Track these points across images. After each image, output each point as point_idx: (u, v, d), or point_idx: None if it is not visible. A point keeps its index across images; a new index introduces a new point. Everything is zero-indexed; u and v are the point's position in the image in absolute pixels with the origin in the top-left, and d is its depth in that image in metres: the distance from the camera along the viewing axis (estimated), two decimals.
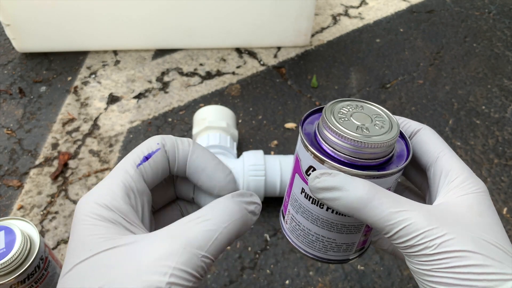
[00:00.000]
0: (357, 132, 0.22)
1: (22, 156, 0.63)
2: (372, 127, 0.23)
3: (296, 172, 0.26)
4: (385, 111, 0.25)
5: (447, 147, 0.24)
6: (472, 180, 0.22)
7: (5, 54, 0.82)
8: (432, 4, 0.97)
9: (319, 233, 0.26)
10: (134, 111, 0.70)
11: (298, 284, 0.48)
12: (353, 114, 0.24)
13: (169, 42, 0.82)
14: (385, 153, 0.23)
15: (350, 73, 0.78)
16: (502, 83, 0.76)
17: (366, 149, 0.22)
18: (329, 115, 0.23)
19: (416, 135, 0.25)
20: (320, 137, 0.24)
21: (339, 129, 0.22)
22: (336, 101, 0.25)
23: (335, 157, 0.23)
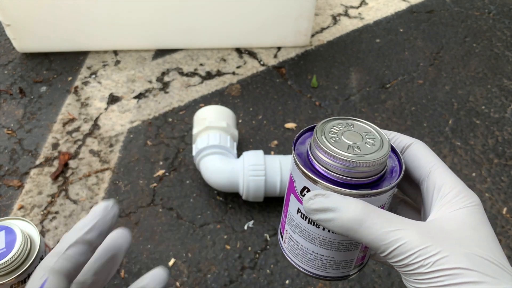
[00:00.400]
0: (348, 152, 0.23)
1: (23, 156, 0.63)
2: (363, 146, 0.23)
3: (291, 192, 0.26)
4: (376, 128, 0.25)
5: (439, 161, 0.24)
6: (465, 193, 0.22)
7: (6, 54, 0.82)
8: (432, 4, 0.97)
9: (317, 252, 0.26)
10: (134, 111, 0.70)
11: (298, 284, 0.48)
12: (344, 133, 0.24)
13: (170, 42, 0.82)
14: (378, 170, 0.23)
15: (350, 73, 0.79)
16: (502, 83, 0.76)
17: (358, 168, 0.22)
18: (320, 135, 0.24)
19: (408, 149, 0.26)
20: (313, 157, 0.24)
21: (331, 149, 0.23)
22: (326, 120, 0.25)
23: (328, 177, 0.23)
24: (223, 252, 0.51)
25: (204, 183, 0.59)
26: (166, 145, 0.64)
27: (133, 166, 0.61)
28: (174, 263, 0.50)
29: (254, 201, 0.54)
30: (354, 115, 0.70)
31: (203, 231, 0.53)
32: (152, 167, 0.61)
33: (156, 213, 0.55)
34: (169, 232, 0.53)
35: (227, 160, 0.54)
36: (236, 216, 0.55)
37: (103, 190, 0.58)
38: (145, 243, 0.52)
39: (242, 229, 0.53)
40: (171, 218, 0.55)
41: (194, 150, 0.56)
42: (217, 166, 0.53)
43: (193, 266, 0.50)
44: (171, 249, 0.51)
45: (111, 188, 0.58)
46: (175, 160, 0.62)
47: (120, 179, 0.59)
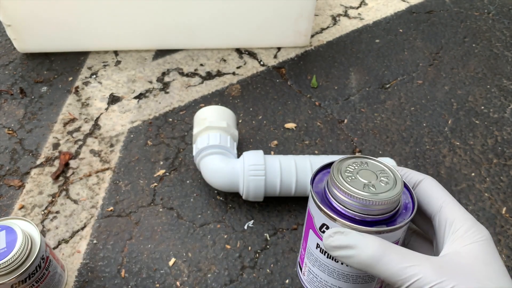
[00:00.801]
0: (364, 190, 0.24)
1: (23, 156, 0.63)
2: (378, 184, 0.25)
3: (310, 228, 0.27)
4: (389, 166, 0.26)
5: (449, 197, 0.26)
6: (476, 228, 0.23)
7: (6, 54, 0.82)
8: (431, 5, 0.97)
9: (336, 284, 0.27)
10: (134, 111, 0.70)
11: (298, 283, 0.48)
12: (359, 171, 0.26)
13: (170, 43, 0.82)
14: (392, 207, 0.24)
15: (350, 73, 0.79)
16: (501, 83, 0.76)
17: (374, 206, 0.23)
18: (337, 174, 0.25)
19: (419, 185, 0.27)
20: (331, 195, 0.25)
21: (348, 188, 0.24)
22: (342, 159, 0.26)
23: (345, 214, 0.24)
24: (223, 252, 0.51)
25: (204, 183, 0.59)
26: (166, 145, 0.65)
27: (133, 166, 0.61)
28: (174, 262, 0.50)
29: (254, 200, 0.55)
30: (353, 115, 0.70)
31: (203, 230, 0.53)
32: (153, 167, 0.61)
33: (156, 213, 0.55)
34: (170, 231, 0.53)
35: (227, 160, 0.54)
36: (236, 215, 0.55)
37: (104, 190, 0.58)
38: (145, 242, 0.52)
39: (242, 228, 0.54)
40: (171, 217, 0.55)
41: (194, 150, 0.56)
42: (217, 166, 0.53)
43: (193, 265, 0.50)
44: (171, 248, 0.51)
45: (112, 187, 0.58)
46: (175, 160, 0.62)
47: (121, 179, 0.59)
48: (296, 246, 0.52)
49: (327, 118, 0.69)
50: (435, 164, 0.62)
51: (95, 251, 0.51)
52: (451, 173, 0.61)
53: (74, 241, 0.52)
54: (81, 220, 0.55)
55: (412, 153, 0.64)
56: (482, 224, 0.56)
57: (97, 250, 0.51)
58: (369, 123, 0.69)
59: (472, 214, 0.55)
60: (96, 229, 0.54)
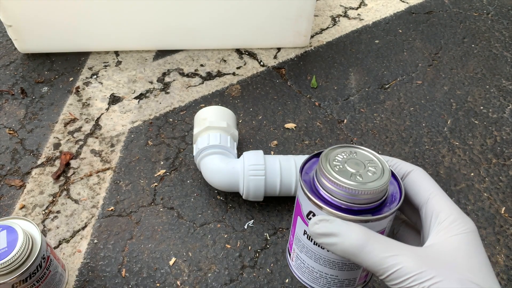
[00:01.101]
0: (351, 180, 0.24)
1: (24, 156, 0.63)
2: (365, 174, 0.25)
3: (298, 215, 0.27)
4: (378, 156, 0.26)
5: (437, 188, 0.26)
6: (461, 220, 0.23)
7: (7, 54, 0.82)
8: (430, 5, 0.98)
9: (322, 271, 0.28)
10: (135, 112, 0.71)
11: (298, 283, 0.49)
12: (347, 161, 0.26)
13: (170, 43, 0.82)
14: (378, 197, 0.25)
15: (349, 73, 0.79)
16: (500, 84, 0.77)
17: (360, 196, 0.24)
18: (325, 163, 0.25)
19: (408, 176, 0.27)
20: (318, 184, 0.25)
21: (335, 177, 0.24)
22: (331, 148, 0.27)
23: (332, 203, 0.25)
24: (223, 251, 0.51)
25: (204, 183, 0.59)
26: (167, 145, 0.65)
27: (134, 166, 0.62)
28: (175, 262, 0.50)
29: (254, 200, 0.55)
30: (353, 115, 0.70)
31: (204, 230, 0.54)
32: (153, 167, 0.61)
33: (157, 213, 0.56)
34: (170, 231, 0.54)
35: (227, 160, 0.54)
36: (236, 215, 0.55)
37: (104, 190, 0.58)
38: (145, 242, 0.52)
39: (242, 228, 0.54)
40: (171, 217, 0.55)
41: (194, 150, 0.56)
42: (218, 166, 0.53)
43: (193, 265, 0.50)
44: (171, 248, 0.52)
45: (112, 187, 0.59)
46: (175, 160, 0.62)
47: (121, 179, 0.60)
48: None
49: (327, 118, 0.70)
50: (434, 164, 0.62)
51: (95, 250, 0.51)
52: (450, 173, 0.61)
53: (75, 240, 0.53)
54: (82, 220, 0.55)
55: (411, 153, 0.64)
56: (481, 223, 0.57)
57: (98, 249, 0.52)
58: (369, 123, 0.69)
59: (471, 214, 0.56)
60: (97, 229, 0.54)
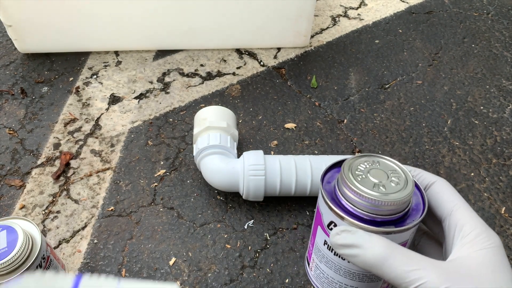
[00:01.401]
0: (374, 190, 0.23)
1: (24, 156, 0.63)
2: (388, 184, 0.24)
3: (319, 224, 0.27)
4: (401, 166, 0.26)
5: (461, 200, 0.25)
6: (486, 234, 0.23)
7: (7, 54, 0.82)
8: (431, 5, 0.98)
9: (342, 282, 0.27)
10: (135, 112, 0.71)
11: (298, 283, 0.49)
12: (370, 170, 0.25)
13: (170, 43, 0.82)
14: (401, 208, 0.24)
15: (350, 73, 0.79)
16: (500, 84, 0.77)
17: (383, 207, 0.23)
18: (348, 173, 0.25)
19: (431, 187, 0.26)
20: (340, 194, 0.25)
21: (357, 187, 0.24)
22: (354, 157, 0.26)
23: (354, 213, 0.24)
24: (223, 251, 0.51)
25: (204, 183, 0.59)
26: (167, 145, 0.65)
27: (134, 166, 0.61)
28: (175, 262, 0.50)
29: (254, 200, 0.55)
30: (353, 115, 0.70)
31: (204, 230, 0.54)
32: (153, 167, 0.61)
33: (157, 213, 0.56)
34: (170, 231, 0.54)
35: (227, 160, 0.54)
36: (236, 215, 0.55)
37: (104, 190, 0.58)
38: (145, 242, 0.52)
39: (242, 228, 0.54)
40: (171, 217, 0.55)
41: (194, 150, 0.56)
42: (218, 166, 0.53)
43: (193, 265, 0.50)
44: (171, 248, 0.52)
45: (112, 187, 0.59)
46: (175, 160, 0.62)
47: (121, 179, 0.60)
48: (296, 246, 0.52)
49: (327, 118, 0.70)
50: (435, 164, 0.62)
51: (95, 250, 0.51)
52: (450, 173, 0.61)
53: (75, 240, 0.53)
54: (82, 220, 0.55)
55: (411, 153, 0.64)
56: None
57: (98, 249, 0.52)
58: (369, 123, 0.69)
59: None
60: (97, 229, 0.54)
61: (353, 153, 0.64)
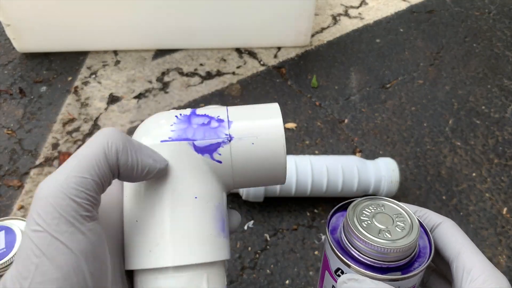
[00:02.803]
0: (379, 237, 0.24)
1: (23, 156, 0.63)
2: (394, 230, 0.24)
3: (326, 269, 0.27)
4: (406, 209, 0.26)
5: (468, 242, 0.25)
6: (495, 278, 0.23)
7: (6, 54, 0.82)
8: (432, 4, 0.97)
9: None
10: (134, 111, 0.70)
11: (298, 284, 0.48)
12: (375, 215, 0.25)
13: (169, 42, 0.82)
14: (408, 254, 0.24)
15: (350, 73, 0.79)
16: (502, 83, 0.76)
17: (389, 254, 0.23)
18: (353, 218, 0.25)
19: (437, 228, 0.26)
20: (346, 240, 0.25)
21: (363, 234, 0.24)
22: (359, 201, 0.26)
23: (360, 260, 0.24)
24: None
25: None
26: None
27: None
28: None
29: (254, 201, 0.54)
30: (354, 115, 0.70)
31: None
32: None
33: None
34: None
35: None
36: None
37: None
38: None
39: (242, 229, 0.53)
40: None
41: None
42: None
43: None
44: None
45: None
46: None
47: None
48: (296, 247, 0.52)
49: (328, 118, 0.69)
50: (436, 164, 0.62)
51: None
52: (452, 173, 0.61)
53: None
54: None
55: (413, 153, 0.63)
56: (482, 224, 0.56)
57: None
58: (370, 123, 0.68)
59: (473, 215, 0.55)
60: None
61: (354, 153, 0.63)
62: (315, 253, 0.51)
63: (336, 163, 0.53)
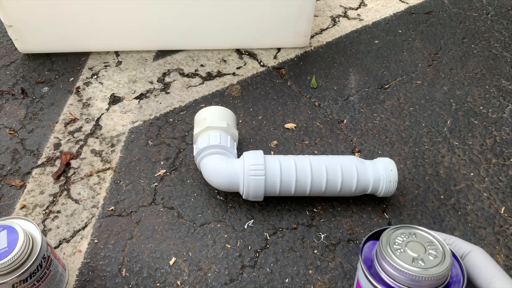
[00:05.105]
0: (413, 265, 0.24)
1: (25, 156, 0.63)
2: (427, 258, 0.25)
3: None
4: (437, 237, 0.26)
5: (499, 270, 0.25)
6: None
7: (8, 55, 0.82)
8: (430, 6, 0.98)
9: None
10: (135, 112, 0.71)
11: (298, 283, 0.49)
12: (407, 243, 0.26)
13: (170, 43, 0.82)
14: (441, 282, 0.25)
15: (349, 74, 0.79)
16: (500, 84, 0.77)
17: (423, 282, 0.24)
18: (386, 247, 0.25)
19: (468, 256, 0.27)
20: (380, 268, 0.25)
21: (397, 262, 0.24)
22: (391, 230, 0.27)
23: (394, 287, 0.25)
24: (223, 251, 0.51)
25: (204, 183, 0.59)
26: (167, 145, 0.65)
27: (134, 165, 0.62)
28: (175, 262, 0.50)
29: (254, 200, 0.55)
30: (353, 115, 0.70)
31: (204, 230, 0.54)
32: (153, 167, 0.61)
33: (157, 212, 0.56)
34: (170, 231, 0.54)
35: (227, 160, 0.54)
36: (236, 215, 0.55)
37: (105, 190, 0.58)
38: (146, 242, 0.52)
39: (242, 228, 0.54)
40: (172, 217, 0.55)
41: (194, 150, 0.57)
42: (218, 166, 0.53)
43: (193, 265, 0.50)
44: (172, 248, 0.52)
45: (113, 187, 0.59)
46: (176, 160, 0.63)
47: (122, 179, 0.60)
48: (296, 246, 0.52)
49: (327, 118, 0.70)
50: (434, 164, 0.62)
51: (96, 250, 0.52)
52: (450, 173, 0.61)
53: (75, 240, 0.53)
54: (82, 220, 0.55)
55: (411, 153, 0.64)
56: (480, 223, 0.57)
57: (98, 249, 0.52)
58: (369, 123, 0.69)
59: (471, 214, 0.56)
60: (97, 229, 0.54)
61: (353, 153, 0.64)
62: (315, 252, 0.52)
63: (335, 163, 0.53)
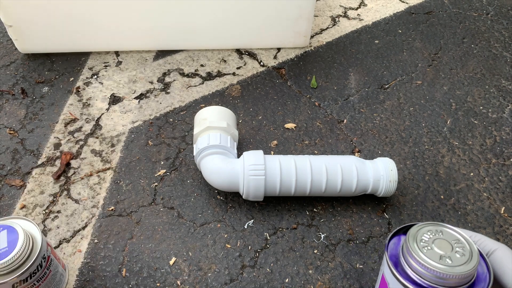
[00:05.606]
0: (440, 263, 0.24)
1: (25, 156, 0.63)
2: (454, 256, 0.25)
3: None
4: (464, 235, 0.26)
5: None
6: None
7: (8, 55, 0.82)
8: (430, 6, 0.98)
9: None
10: (135, 112, 0.71)
11: (298, 283, 0.49)
12: (434, 241, 0.26)
13: (170, 43, 0.82)
14: (467, 280, 0.24)
15: (349, 74, 0.79)
16: (500, 84, 0.77)
17: (450, 279, 0.24)
18: (413, 243, 0.25)
19: (493, 254, 0.27)
20: (406, 264, 0.25)
21: (424, 260, 0.24)
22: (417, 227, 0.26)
23: (420, 284, 0.25)
24: (223, 251, 0.51)
25: (204, 183, 0.59)
26: (167, 145, 0.65)
27: (134, 165, 0.62)
28: (175, 261, 0.50)
29: (254, 200, 0.55)
30: (353, 115, 0.70)
31: (204, 230, 0.54)
32: (153, 167, 0.61)
33: (157, 212, 0.56)
34: (170, 231, 0.54)
35: (227, 160, 0.54)
36: (236, 215, 0.55)
37: (105, 190, 0.58)
38: (146, 242, 0.52)
39: (242, 228, 0.54)
40: (172, 217, 0.55)
41: (194, 150, 0.57)
42: (218, 165, 0.53)
43: (193, 264, 0.50)
44: (172, 248, 0.52)
45: (113, 187, 0.59)
46: (176, 160, 0.63)
47: (122, 179, 0.60)
48: (295, 246, 0.52)
49: (327, 118, 0.70)
50: (434, 164, 0.62)
51: (96, 250, 0.52)
52: (449, 173, 0.61)
53: (75, 240, 0.53)
54: (82, 220, 0.55)
55: (411, 153, 0.64)
56: (480, 223, 0.57)
57: (98, 249, 0.52)
58: (368, 123, 0.69)
59: (471, 214, 0.56)
60: (97, 229, 0.54)
61: (353, 153, 0.64)
62: (315, 252, 0.52)
63: (335, 163, 0.53)
